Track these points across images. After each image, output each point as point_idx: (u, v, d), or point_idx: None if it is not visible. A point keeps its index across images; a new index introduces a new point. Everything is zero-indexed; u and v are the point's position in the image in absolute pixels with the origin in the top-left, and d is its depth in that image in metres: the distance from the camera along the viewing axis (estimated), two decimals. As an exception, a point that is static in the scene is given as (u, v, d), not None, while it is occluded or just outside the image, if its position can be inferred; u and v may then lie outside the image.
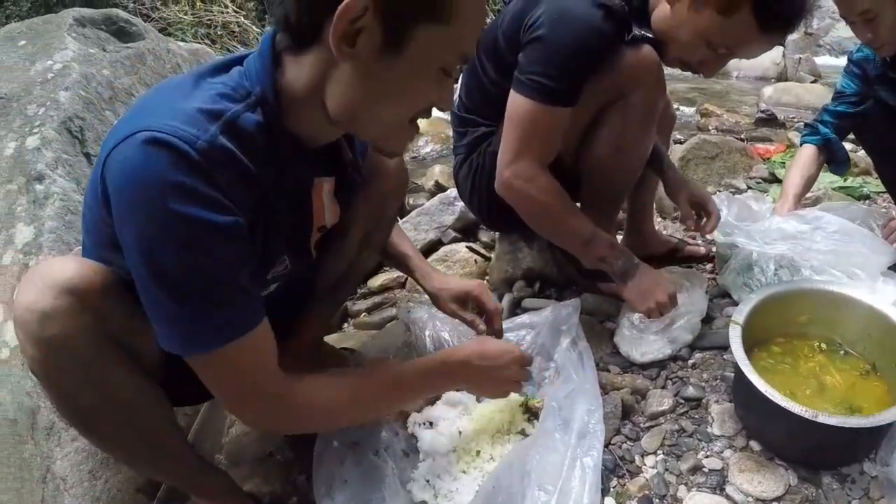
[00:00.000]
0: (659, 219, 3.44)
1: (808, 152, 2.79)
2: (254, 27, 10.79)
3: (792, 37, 10.70)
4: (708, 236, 2.69)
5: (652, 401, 2.01)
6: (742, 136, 4.91)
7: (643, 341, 2.18)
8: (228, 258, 1.25)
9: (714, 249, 2.77)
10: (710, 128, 5.30)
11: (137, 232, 1.19)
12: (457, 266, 3.04)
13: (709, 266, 2.82)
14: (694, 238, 3.07)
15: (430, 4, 1.20)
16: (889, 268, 2.34)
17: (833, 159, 2.83)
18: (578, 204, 2.33)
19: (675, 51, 2.13)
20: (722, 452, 1.85)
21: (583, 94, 2.06)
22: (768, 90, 6.61)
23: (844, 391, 1.93)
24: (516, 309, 2.55)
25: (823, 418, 1.62)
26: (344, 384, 1.51)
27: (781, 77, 8.17)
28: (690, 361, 2.19)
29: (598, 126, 2.20)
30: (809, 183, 2.79)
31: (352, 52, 1.21)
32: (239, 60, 1.39)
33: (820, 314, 2.09)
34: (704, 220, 2.50)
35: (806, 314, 2.10)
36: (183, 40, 9.87)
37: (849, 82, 2.74)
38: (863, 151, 3.28)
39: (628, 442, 1.91)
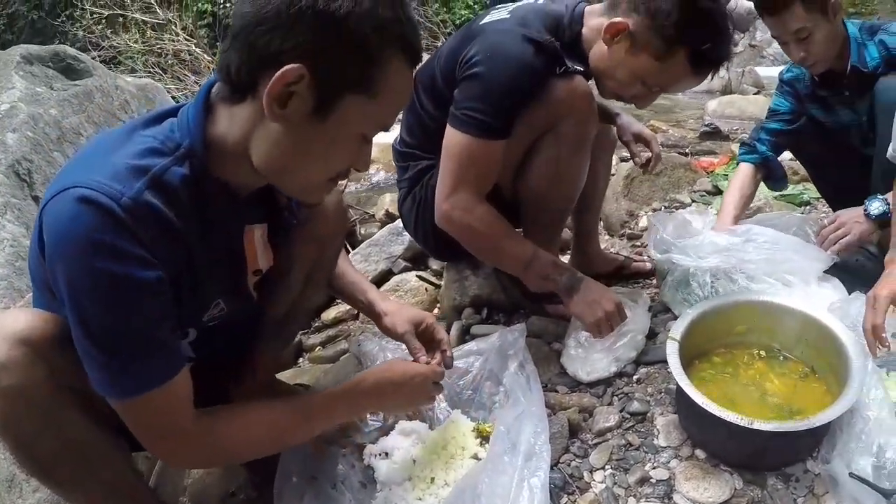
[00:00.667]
0: (606, 236, 3.53)
1: (745, 171, 2.87)
2: (205, 55, 10.78)
3: (736, 50, 10.92)
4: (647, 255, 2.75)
5: (599, 418, 2.07)
6: (687, 151, 5.01)
7: (589, 360, 2.25)
8: (151, 313, 1.32)
9: (660, 265, 2.84)
10: (657, 144, 5.39)
11: (67, 283, 1.26)
12: (408, 295, 3.09)
13: (655, 281, 2.88)
14: (640, 255, 3.14)
15: (361, 79, 1.30)
16: (826, 271, 2.44)
17: (771, 176, 2.94)
18: (520, 230, 2.41)
19: (612, 87, 2.24)
20: (668, 462, 1.91)
21: (517, 126, 2.15)
22: (712, 104, 6.73)
23: (785, 395, 2.01)
24: (465, 336, 2.61)
25: (759, 425, 1.70)
26: (261, 417, 1.56)
27: (726, 90, 8.30)
28: (635, 377, 2.26)
29: (533, 155, 2.28)
30: (747, 202, 2.88)
31: (282, 113, 1.29)
32: (174, 111, 1.46)
33: (757, 323, 2.17)
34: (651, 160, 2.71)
35: (743, 324, 2.18)
36: (133, 70, 9.84)
37: (782, 101, 2.86)
38: (801, 159, 3.42)
39: (577, 459, 1.96)
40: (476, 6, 12.04)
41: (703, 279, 2.39)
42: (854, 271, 2.57)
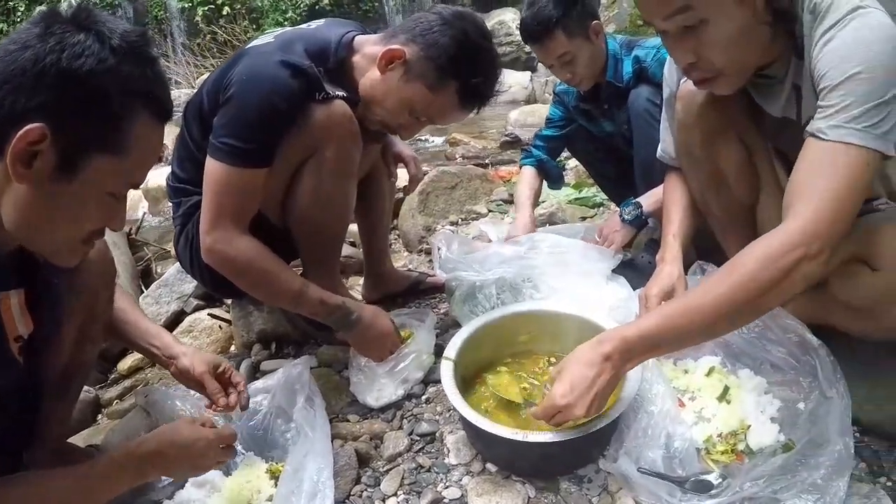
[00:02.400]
0: (405, 253, 3.54)
1: (528, 172, 3.19)
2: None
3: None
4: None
5: (388, 443, 2.04)
6: (487, 161, 5.08)
7: (376, 386, 2.22)
8: None
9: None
10: (457, 156, 5.45)
11: None
12: (202, 335, 2.96)
13: (448, 296, 2.88)
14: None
15: (107, 138, 1.29)
16: (615, 270, 2.54)
17: (548, 177, 3.25)
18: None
19: (379, 114, 2.23)
20: (460, 480, 1.89)
21: (279, 153, 2.10)
22: (514, 114, 6.89)
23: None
24: (256, 373, 2.53)
25: (534, 437, 1.70)
26: (38, 492, 1.45)
27: (530, 99, 8.56)
28: (424, 397, 2.25)
29: (296, 183, 2.24)
30: (537, 194, 3.17)
31: (26, 174, 1.24)
32: None
33: (539, 331, 2.21)
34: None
35: (525, 333, 2.21)
36: None
37: (555, 110, 3.20)
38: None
39: (368, 489, 1.90)
40: (286, 24, 11.91)
41: (489, 291, 2.41)
42: (642, 269, 2.69)
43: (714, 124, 2.03)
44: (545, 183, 3.25)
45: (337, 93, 2.15)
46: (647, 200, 2.68)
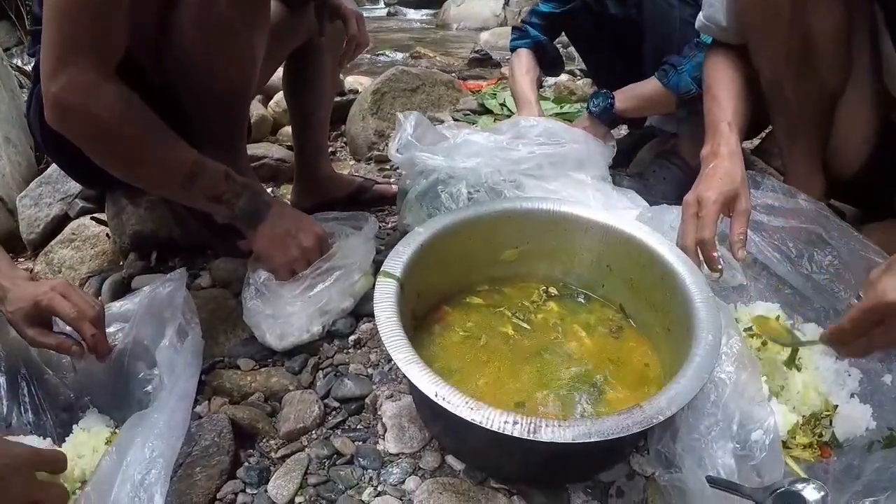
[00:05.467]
0: (352, 161, 2.84)
1: (524, 55, 2.48)
2: None
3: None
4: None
5: (289, 410, 1.23)
6: (454, 74, 4.34)
7: (280, 317, 1.38)
8: None
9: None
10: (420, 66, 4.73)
11: None
12: (87, 245, 2.14)
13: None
14: (388, 177, 2.39)
15: None
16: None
17: (545, 60, 2.53)
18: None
19: None
20: (403, 483, 1.10)
21: None
22: (485, 35, 6.34)
23: (591, 362, 1.23)
24: (127, 293, 1.65)
25: (547, 433, 0.86)
26: None
27: (501, 25, 8.03)
28: (353, 337, 1.43)
29: (174, 7, 1.39)
30: (538, 84, 2.51)
31: None
32: None
33: (535, 245, 1.40)
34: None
35: (513, 246, 1.39)
36: None
37: None
38: (583, 80, 3.22)
39: (248, 488, 1.10)
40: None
41: (457, 189, 1.60)
42: (655, 187, 2.10)
43: None
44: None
45: None
46: (622, 95, 2.12)
